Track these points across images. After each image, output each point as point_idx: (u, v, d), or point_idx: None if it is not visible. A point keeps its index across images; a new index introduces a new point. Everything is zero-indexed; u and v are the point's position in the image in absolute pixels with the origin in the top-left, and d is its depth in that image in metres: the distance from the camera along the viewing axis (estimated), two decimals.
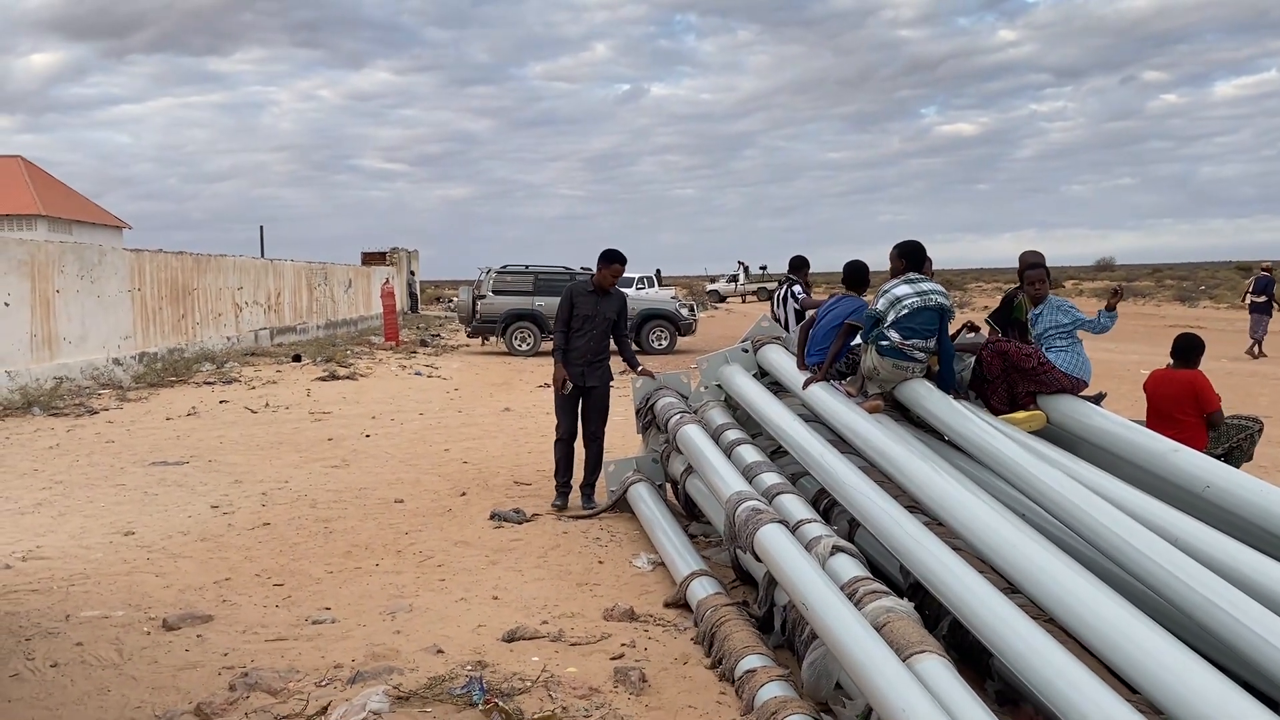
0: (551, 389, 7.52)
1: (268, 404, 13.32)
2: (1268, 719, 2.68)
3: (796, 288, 8.56)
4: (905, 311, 5.22)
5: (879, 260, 5.96)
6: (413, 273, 44.60)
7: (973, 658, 3.91)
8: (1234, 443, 5.62)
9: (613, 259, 7.22)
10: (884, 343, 5.24)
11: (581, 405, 7.27)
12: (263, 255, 33.29)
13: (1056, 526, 4.33)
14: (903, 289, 5.26)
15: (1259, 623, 3.17)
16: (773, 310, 8.80)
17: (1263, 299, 19.83)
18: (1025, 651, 3.22)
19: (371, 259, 41.87)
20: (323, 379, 16.45)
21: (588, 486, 7.34)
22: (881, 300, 5.33)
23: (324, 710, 3.67)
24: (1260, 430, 5.63)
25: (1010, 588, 3.76)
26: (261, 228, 50.08)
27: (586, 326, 7.13)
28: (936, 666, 3.19)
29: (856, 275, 6.49)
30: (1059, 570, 3.59)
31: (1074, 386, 5.38)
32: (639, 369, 7.37)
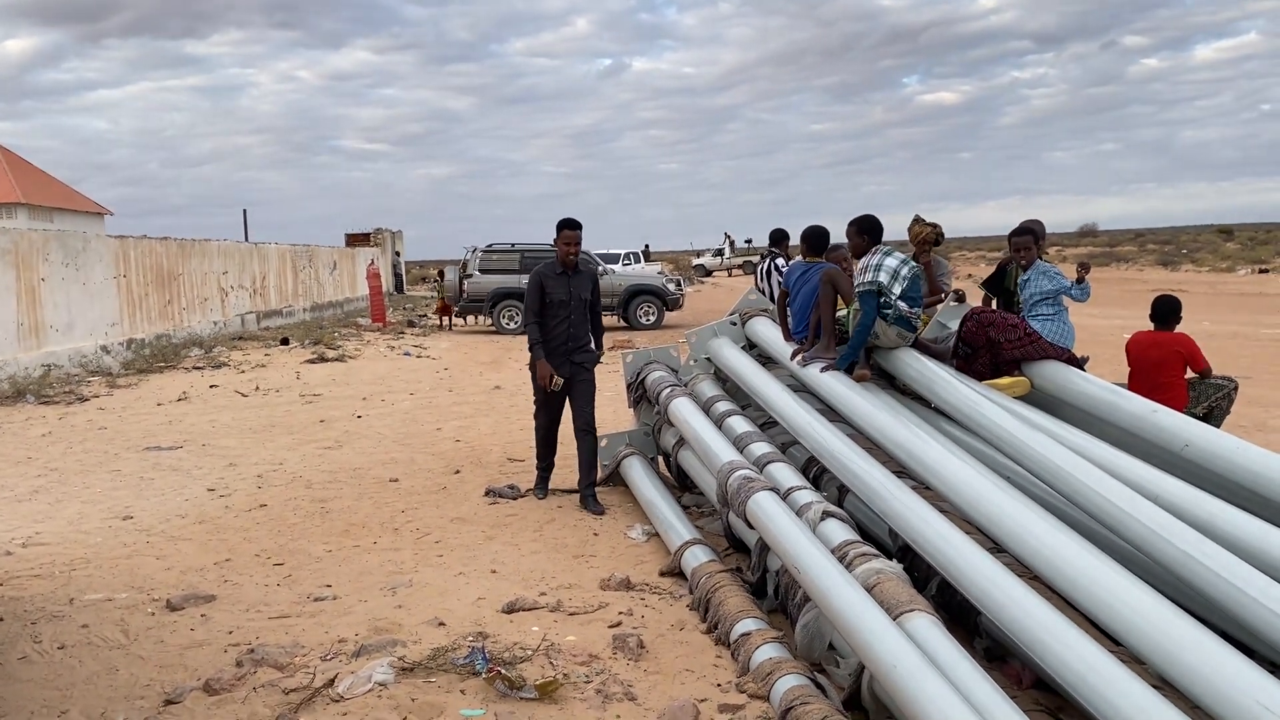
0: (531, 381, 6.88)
1: (258, 387, 13.35)
2: (1240, 664, 2.79)
3: (780, 261, 8.64)
4: (907, 282, 5.30)
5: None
6: (398, 253, 44.46)
7: (961, 617, 4.03)
8: (1213, 402, 5.74)
9: (564, 225, 6.62)
10: (889, 311, 5.30)
11: (569, 396, 6.73)
12: (247, 239, 33.13)
13: (1041, 488, 4.44)
14: (892, 261, 5.32)
15: (1235, 574, 3.29)
16: (757, 284, 8.88)
17: None
18: (1012, 608, 3.32)
19: (356, 240, 41.70)
20: (312, 361, 16.47)
21: (589, 488, 6.66)
22: (880, 274, 5.30)
23: (331, 682, 3.76)
24: (1236, 389, 5.75)
25: (996, 547, 3.87)
26: (245, 211, 49.81)
27: (562, 312, 6.60)
28: (926, 624, 3.29)
29: (819, 241, 6.55)
30: (1043, 529, 3.69)
31: (1059, 355, 5.47)
32: (598, 353, 6.87)
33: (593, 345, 6.85)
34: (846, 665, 3.67)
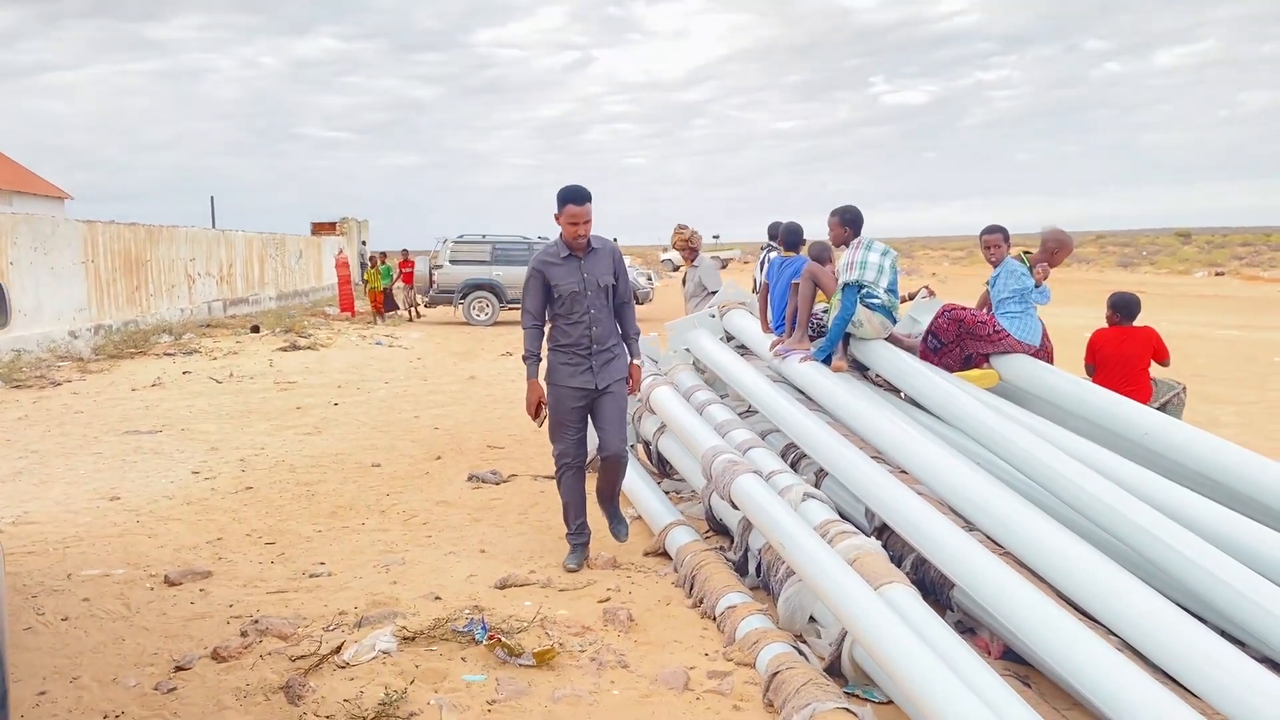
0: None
1: (232, 374, 13.37)
2: (1191, 626, 3.05)
3: (774, 254, 8.87)
4: (891, 274, 5.54)
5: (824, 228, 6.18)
6: (364, 243, 44.26)
7: (933, 592, 4.26)
8: (1166, 400, 6.05)
9: (566, 198, 4.97)
10: (874, 300, 5.52)
11: (594, 416, 5.18)
12: (214, 226, 32.89)
13: (1010, 472, 4.69)
14: (874, 255, 5.54)
15: (1186, 546, 3.56)
16: (755, 277, 9.06)
17: None
18: (984, 580, 3.55)
19: (322, 229, 41.45)
20: (284, 349, 16.47)
21: (611, 506, 5.37)
22: (864, 272, 5.46)
23: (337, 650, 3.92)
24: (1185, 391, 6.07)
25: (969, 525, 4.11)
26: (212, 198, 49.28)
27: (577, 307, 5.01)
28: (903, 594, 3.52)
29: (793, 237, 6.78)
30: (1012, 509, 3.92)
31: (1025, 352, 5.74)
32: (636, 359, 5.27)
33: (624, 349, 5.25)
34: (827, 635, 3.90)
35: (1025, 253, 5.94)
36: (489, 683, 3.70)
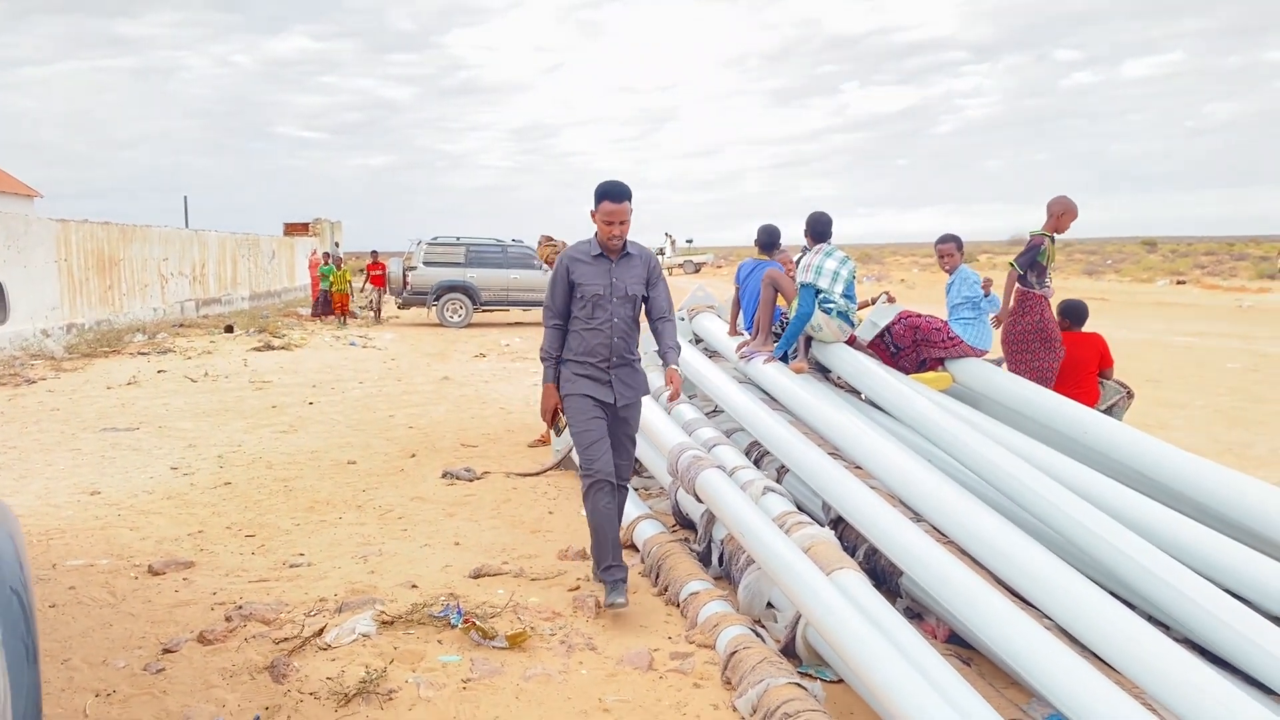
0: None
1: (207, 373, 13.47)
2: (1116, 610, 3.31)
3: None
4: (846, 282, 5.80)
5: (797, 233, 6.43)
6: (336, 244, 44.22)
7: (884, 580, 4.52)
8: (1112, 402, 6.35)
9: (603, 195, 4.53)
10: (831, 305, 5.78)
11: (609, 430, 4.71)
12: (187, 225, 32.79)
13: (958, 469, 4.96)
14: (831, 262, 5.79)
15: (1120, 539, 3.83)
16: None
17: None
18: (930, 568, 3.80)
19: (295, 229, 41.40)
20: (258, 349, 16.57)
21: (609, 570, 4.57)
22: (819, 277, 5.75)
23: (319, 633, 4.12)
24: (1130, 395, 6.38)
25: (917, 517, 4.37)
26: (186, 198, 49.12)
27: (600, 313, 4.60)
28: (854, 579, 3.77)
29: (767, 239, 7.02)
30: (959, 502, 4.18)
31: (976, 356, 6.04)
32: (673, 365, 4.71)
33: (643, 364, 4.90)
34: (783, 619, 4.14)
35: (1049, 234, 6.04)
36: (464, 663, 3.92)
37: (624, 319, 4.64)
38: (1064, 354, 6.04)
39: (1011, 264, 6.18)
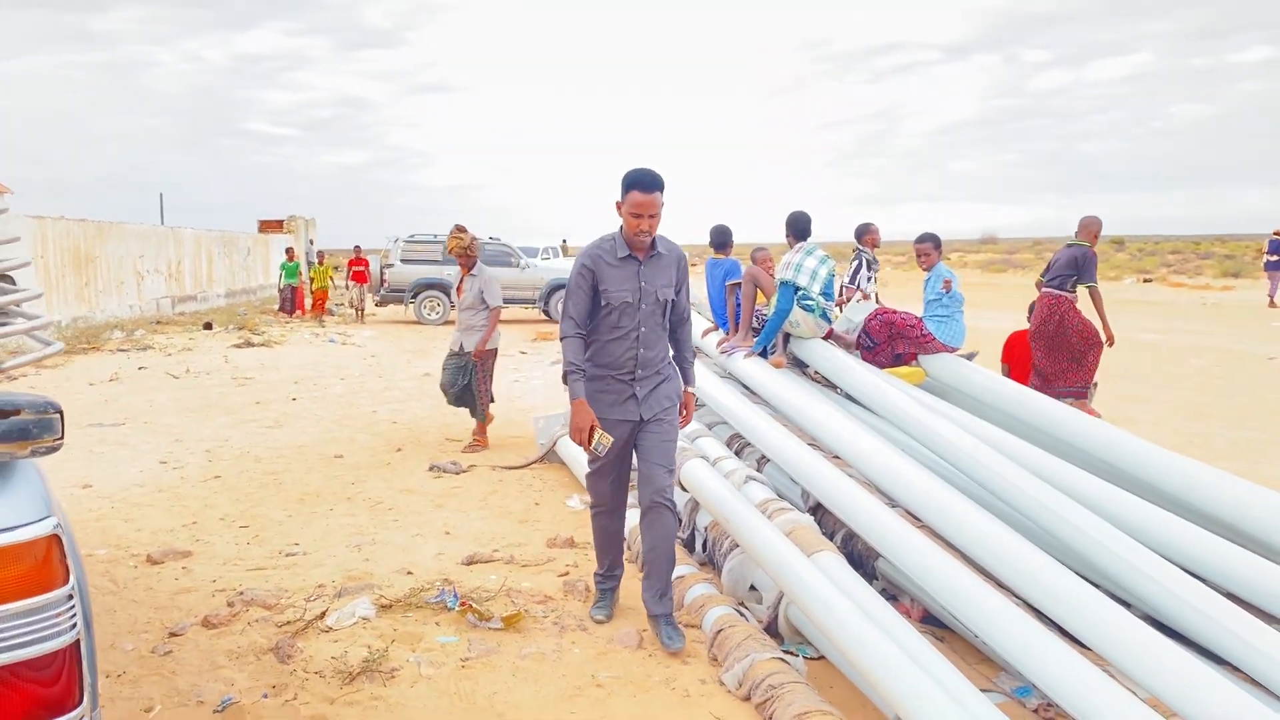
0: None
1: (188, 370, 13.53)
2: (1081, 588, 3.54)
3: (866, 257, 9.36)
4: (824, 281, 6.00)
5: (774, 230, 6.61)
6: (311, 241, 44.08)
7: (861, 564, 4.73)
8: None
9: (631, 184, 4.02)
10: (809, 302, 5.98)
11: (636, 449, 4.28)
12: (163, 222, 32.64)
13: (931, 458, 5.19)
14: (811, 261, 6.00)
15: (1083, 521, 4.05)
16: (841, 283, 9.16)
17: (1275, 258, 23.21)
18: (905, 550, 4.01)
19: (269, 226, 41.25)
20: (238, 346, 16.61)
21: (664, 601, 4.21)
22: (799, 275, 5.96)
23: (320, 616, 4.28)
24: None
25: (892, 503, 4.58)
26: (161, 195, 48.83)
27: (626, 321, 4.12)
28: (833, 560, 3.98)
29: (724, 238, 7.21)
30: (932, 488, 4.40)
31: (949, 352, 6.28)
32: (690, 388, 4.42)
33: (675, 371, 4.39)
34: (766, 599, 4.34)
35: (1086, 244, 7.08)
36: (461, 643, 4.09)
37: (653, 327, 4.17)
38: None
39: (1091, 285, 7.08)
